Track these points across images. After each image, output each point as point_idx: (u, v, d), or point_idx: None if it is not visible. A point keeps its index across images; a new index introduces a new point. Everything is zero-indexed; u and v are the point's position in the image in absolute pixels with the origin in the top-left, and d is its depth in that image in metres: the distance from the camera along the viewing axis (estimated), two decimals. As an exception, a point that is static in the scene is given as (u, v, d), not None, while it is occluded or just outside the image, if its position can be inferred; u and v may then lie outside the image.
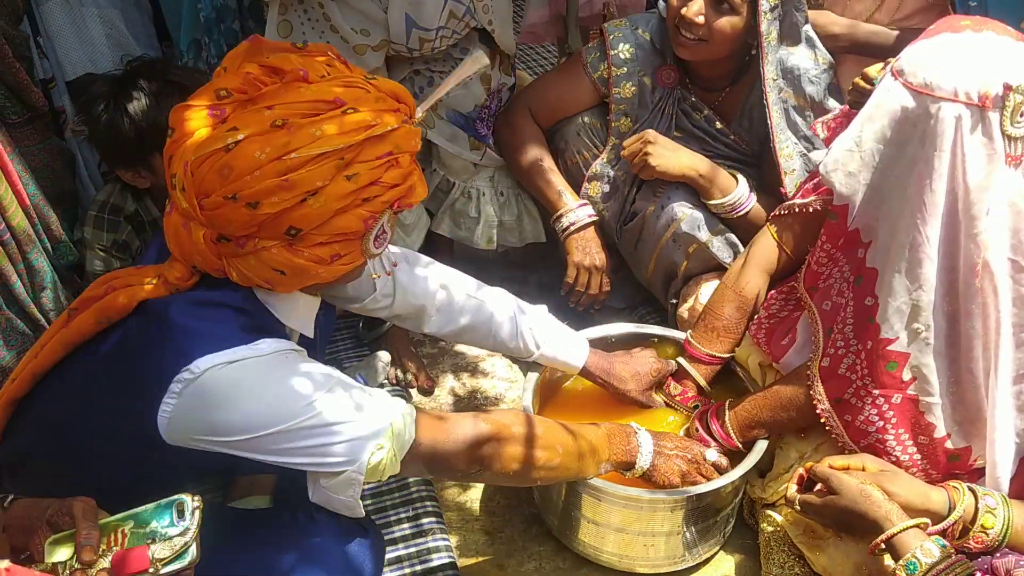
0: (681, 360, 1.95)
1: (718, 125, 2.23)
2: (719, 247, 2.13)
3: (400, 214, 2.23)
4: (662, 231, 2.15)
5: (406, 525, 1.91)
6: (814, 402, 1.66)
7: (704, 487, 1.69)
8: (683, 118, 2.24)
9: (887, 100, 1.48)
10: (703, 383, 1.93)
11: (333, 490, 1.41)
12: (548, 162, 2.30)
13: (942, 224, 1.46)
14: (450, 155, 2.31)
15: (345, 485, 1.40)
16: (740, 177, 2.13)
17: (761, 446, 1.76)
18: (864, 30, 2.25)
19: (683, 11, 2.02)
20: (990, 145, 1.40)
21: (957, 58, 1.42)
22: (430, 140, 2.29)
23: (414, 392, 2.32)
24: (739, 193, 2.10)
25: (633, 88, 2.23)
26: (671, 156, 2.11)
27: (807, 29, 2.10)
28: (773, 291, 1.90)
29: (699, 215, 2.12)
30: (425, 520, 1.92)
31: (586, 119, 2.32)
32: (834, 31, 2.24)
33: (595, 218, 2.29)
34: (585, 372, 1.93)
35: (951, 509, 1.48)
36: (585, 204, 2.29)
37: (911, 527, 1.41)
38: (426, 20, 2.04)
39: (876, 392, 1.58)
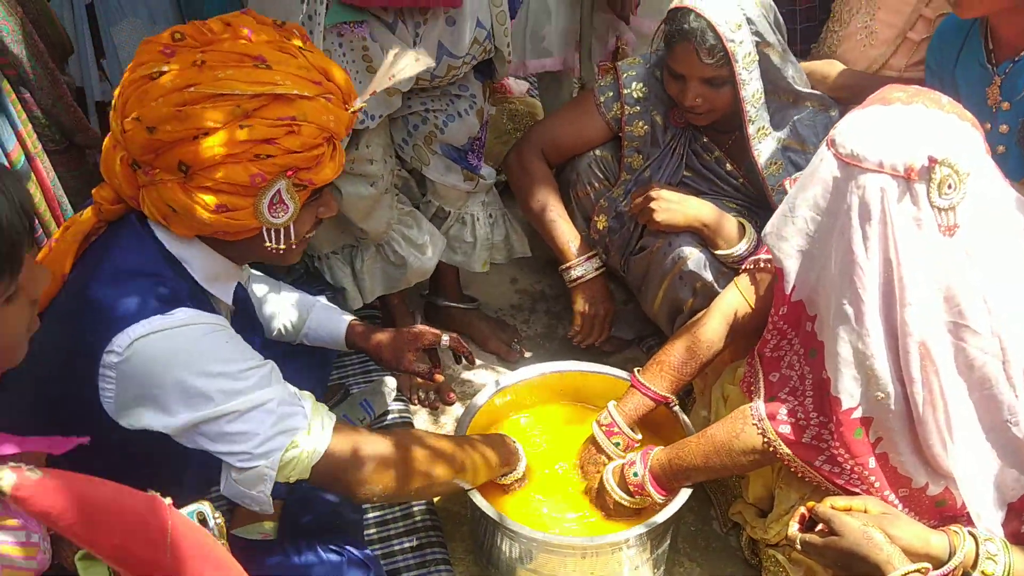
0: (610, 404, 1.93)
1: (728, 167, 2.25)
2: (724, 286, 2.13)
3: (411, 233, 2.32)
4: (669, 268, 2.16)
5: (410, 555, 1.91)
6: (785, 462, 1.66)
7: (615, 535, 1.72)
8: (693, 158, 2.27)
9: (819, 169, 1.50)
10: (621, 423, 1.89)
11: (244, 484, 1.42)
12: (558, 208, 2.34)
13: (880, 293, 1.46)
14: (444, 187, 2.34)
15: (256, 480, 1.41)
16: (748, 227, 2.13)
17: (685, 493, 1.76)
18: (839, 75, 2.26)
19: (682, 100, 2.08)
20: (919, 216, 1.40)
21: (884, 130, 1.43)
22: (425, 176, 2.32)
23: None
24: (745, 245, 2.10)
25: (645, 127, 2.26)
26: (676, 209, 2.12)
27: (795, 79, 2.12)
28: (755, 347, 1.90)
29: (705, 255, 2.13)
30: (428, 551, 1.92)
31: (598, 152, 2.34)
32: (838, 82, 2.25)
33: (602, 270, 2.34)
34: (348, 340, 1.97)
35: (951, 554, 1.47)
36: (592, 256, 2.33)
37: (912, 572, 1.41)
38: (459, 48, 2.07)
39: (852, 461, 1.57)
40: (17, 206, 1.03)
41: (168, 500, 0.88)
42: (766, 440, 1.65)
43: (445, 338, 1.98)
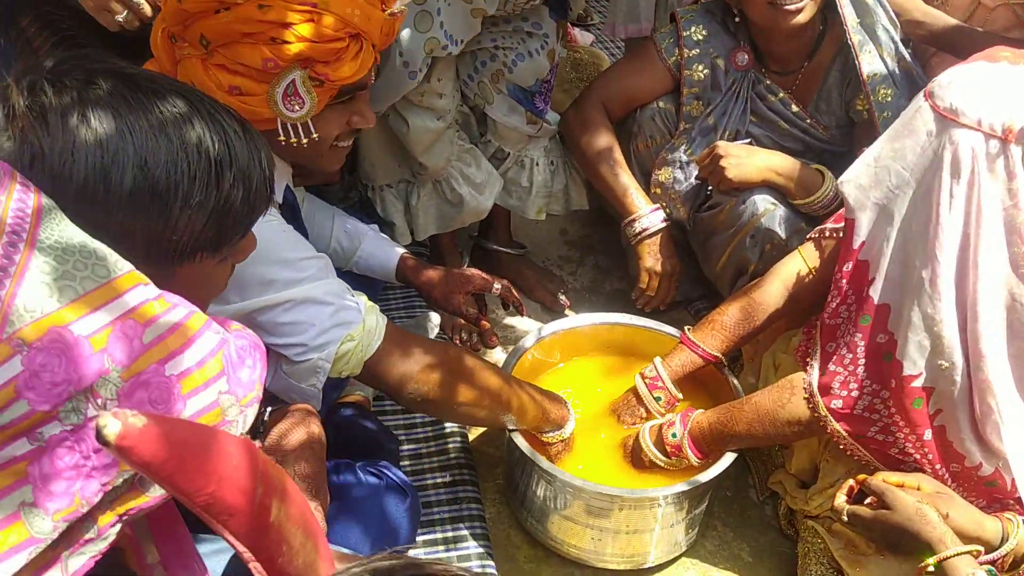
0: (657, 359, 1.89)
1: (794, 108, 2.17)
2: (795, 247, 2.07)
3: (469, 171, 2.27)
4: (743, 225, 2.10)
5: (442, 490, 1.90)
6: (835, 439, 1.62)
7: (673, 487, 1.68)
8: (758, 102, 2.19)
9: (913, 120, 1.45)
10: (666, 378, 1.85)
11: (295, 376, 1.41)
12: (619, 161, 2.27)
13: (956, 258, 1.41)
14: (506, 128, 2.29)
15: (309, 373, 1.40)
16: (826, 172, 2.05)
17: (729, 456, 1.72)
18: (945, 23, 2.15)
19: None
20: (1011, 180, 1.35)
21: (987, 87, 1.37)
22: (486, 114, 2.27)
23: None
24: (826, 189, 2.02)
25: (705, 70, 2.19)
26: (748, 163, 2.06)
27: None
28: (813, 317, 1.85)
29: (782, 211, 2.06)
30: (460, 488, 1.91)
31: (661, 104, 2.28)
32: (915, 16, 2.15)
33: (667, 223, 2.26)
34: (399, 273, 1.99)
35: (1004, 540, 1.44)
36: (657, 209, 2.25)
37: (964, 553, 1.38)
38: None
39: (907, 431, 1.53)
40: (266, 175, 1.06)
41: (257, 443, 0.86)
42: (816, 414, 1.61)
43: (497, 285, 1.95)
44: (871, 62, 2.05)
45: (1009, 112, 1.34)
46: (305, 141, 1.42)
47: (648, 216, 2.25)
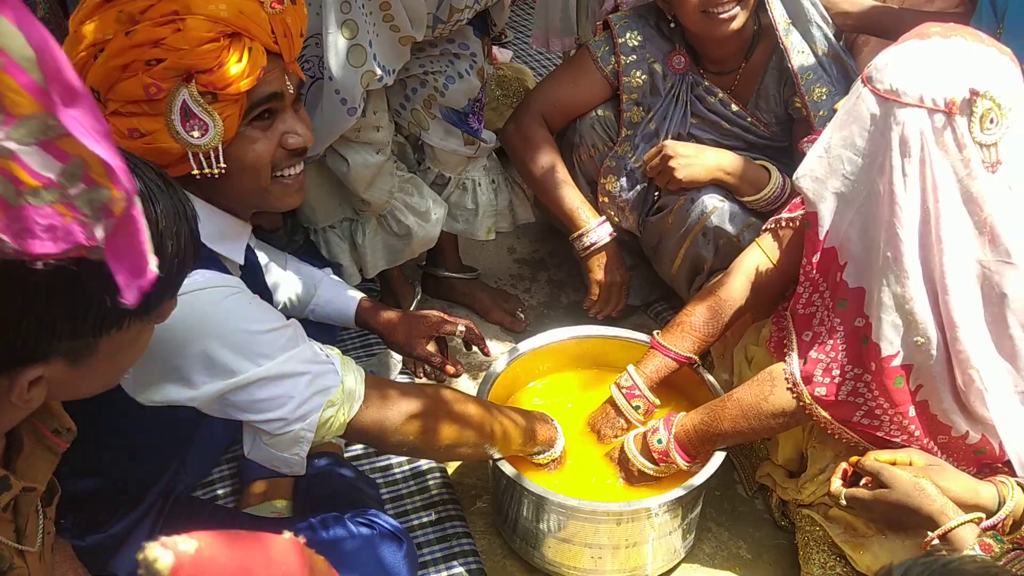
0: (630, 367, 1.87)
1: (734, 108, 2.19)
2: (748, 241, 2.09)
3: (413, 200, 2.22)
4: (693, 224, 2.10)
5: (430, 530, 1.85)
6: (821, 424, 1.62)
7: (659, 498, 1.66)
8: (698, 104, 2.20)
9: (856, 106, 1.46)
10: (642, 385, 1.83)
11: (277, 447, 1.36)
12: (563, 175, 2.25)
13: (918, 234, 1.43)
14: (444, 152, 2.26)
15: (292, 443, 1.35)
16: (772, 168, 2.08)
17: (719, 456, 1.71)
18: (872, 7, 2.20)
19: (709, 4, 1.98)
20: (960, 151, 1.37)
21: (923, 64, 1.39)
22: (423, 141, 2.24)
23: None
24: (773, 186, 2.05)
25: (644, 76, 2.19)
26: (696, 163, 2.07)
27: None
28: (780, 306, 1.86)
29: (730, 207, 2.07)
30: (448, 524, 1.86)
31: (600, 112, 2.27)
32: (843, 8, 2.19)
33: (614, 236, 2.25)
34: (358, 318, 1.93)
35: (1000, 504, 1.45)
36: (604, 222, 2.25)
37: (967, 522, 1.38)
38: None
39: (892, 412, 1.54)
40: (193, 228, 1.02)
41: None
42: (801, 404, 1.61)
43: (460, 327, 1.89)
44: (805, 62, 2.07)
45: (949, 85, 1.36)
46: (217, 170, 1.32)
47: (595, 230, 2.24)
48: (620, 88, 2.21)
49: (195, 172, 1.32)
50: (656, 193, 2.20)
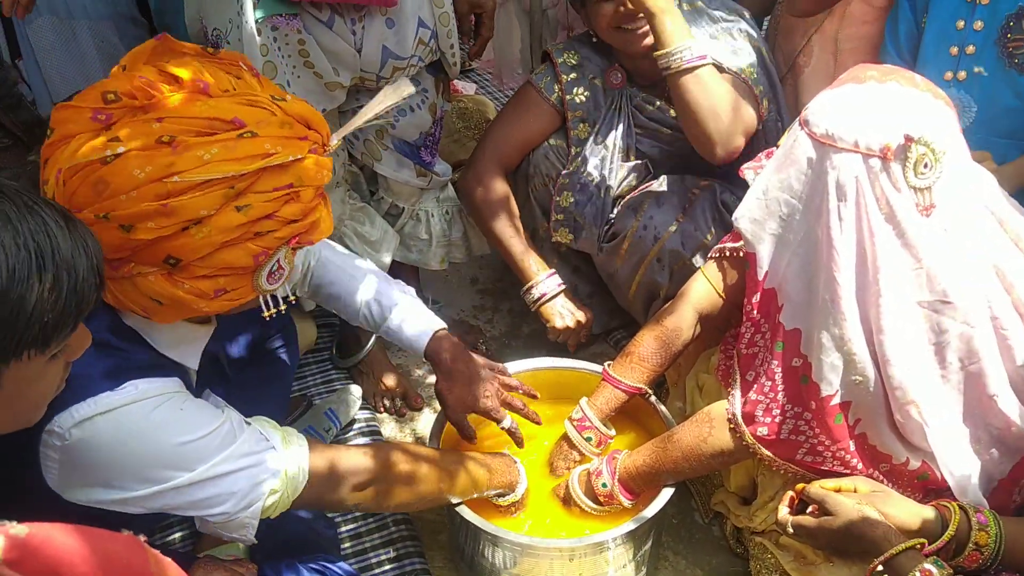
0: (583, 400, 1.88)
1: (672, 114, 2.20)
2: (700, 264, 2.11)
3: (363, 229, 2.24)
4: (647, 250, 2.12)
5: (387, 568, 1.85)
6: (765, 462, 1.63)
7: (602, 535, 1.66)
8: (639, 114, 2.23)
9: (793, 150, 1.48)
10: (593, 418, 1.84)
11: (225, 529, 1.37)
12: (516, 227, 2.29)
13: (855, 275, 1.45)
14: (397, 183, 2.28)
15: (237, 527, 1.36)
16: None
17: (668, 491, 1.72)
18: None
19: (620, 9, 1.99)
20: (895, 196, 1.39)
21: (858, 109, 1.41)
22: (376, 172, 2.26)
23: (385, 421, 2.27)
24: (689, 44, 1.95)
25: (586, 92, 2.23)
26: None
27: None
28: (728, 334, 1.88)
29: (684, 228, 2.09)
30: (407, 561, 1.86)
31: (552, 142, 2.30)
32: None
33: (563, 287, 2.30)
34: (428, 353, 1.77)
35: (944, 528, 1.47)
36: (553, 274, 2.29)
37: (909, 547, 1.40)
38: (403, 49, 2.01)
39: (833, 448, 1.56)
40: (93, 263, 1.02)
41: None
42: (744, 443, 1.63)
43: (505, 424, 1.81)
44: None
45: (884, 131, 1.38)
46: (284, 308, 1.35)
47: (544, 282, 2.28)
48: (565, 107, 2.24)
49: (267, 314, 1.34)
50: (614, 208, 2.22)
